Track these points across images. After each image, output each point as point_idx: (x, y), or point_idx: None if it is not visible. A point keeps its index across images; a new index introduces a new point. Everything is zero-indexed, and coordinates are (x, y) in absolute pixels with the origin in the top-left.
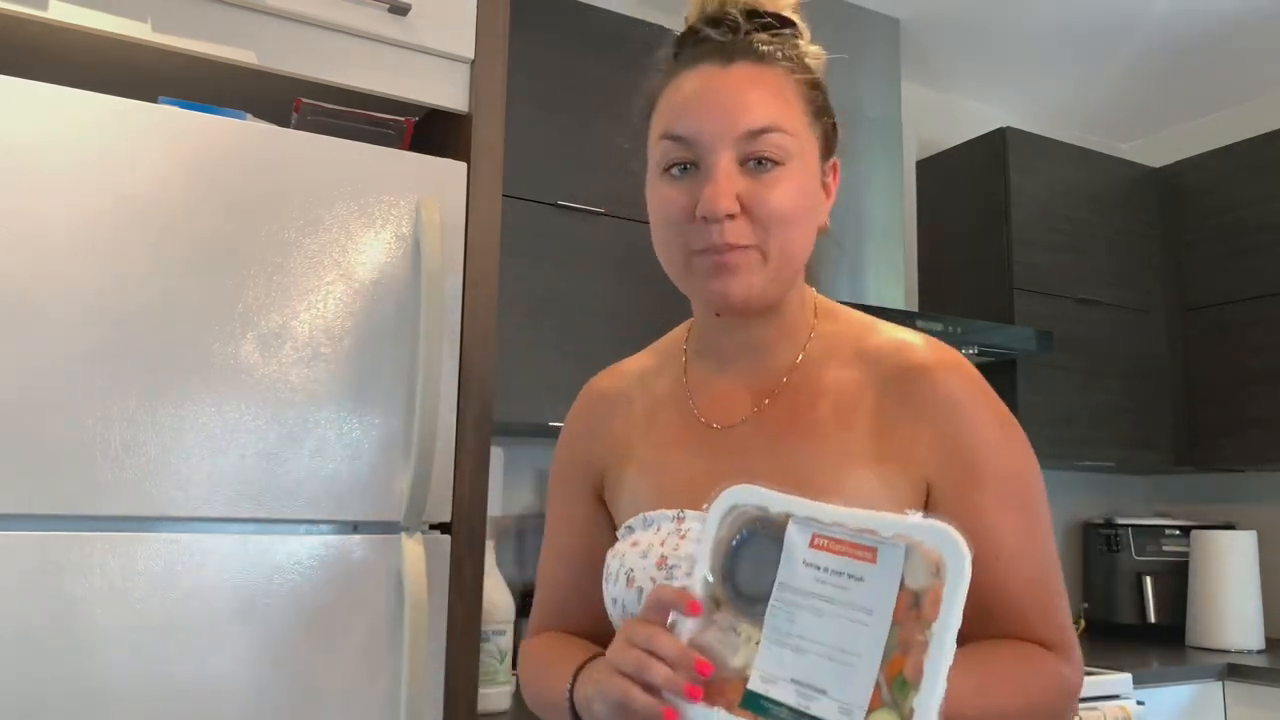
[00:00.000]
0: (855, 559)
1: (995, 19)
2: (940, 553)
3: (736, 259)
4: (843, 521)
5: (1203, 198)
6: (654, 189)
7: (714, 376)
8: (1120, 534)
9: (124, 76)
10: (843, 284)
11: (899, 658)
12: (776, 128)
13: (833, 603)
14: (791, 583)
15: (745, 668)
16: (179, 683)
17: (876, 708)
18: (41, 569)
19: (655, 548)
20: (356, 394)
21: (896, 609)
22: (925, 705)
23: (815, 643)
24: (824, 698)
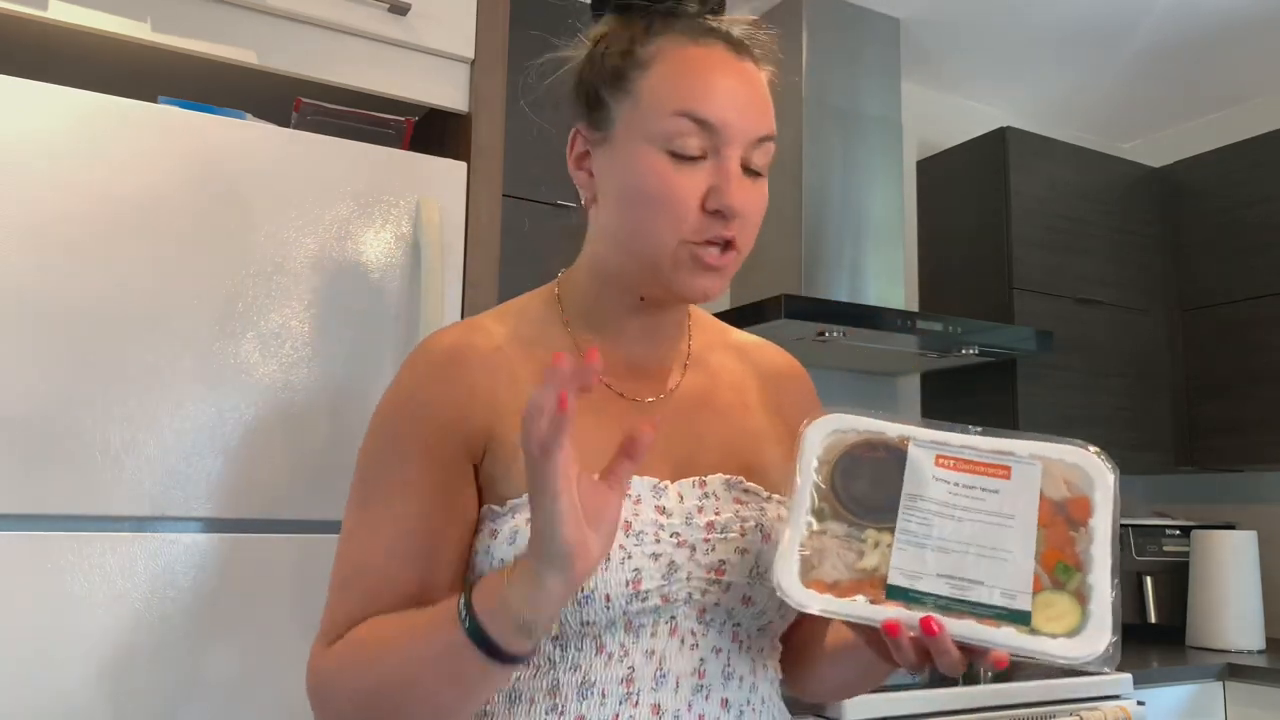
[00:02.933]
0: (988, 475)
1: (995, 19)
2: (1080, 468)
3: (723, 260)
4: (974, 445)
5: (1203, 198)
6: (647, 158)
7: (610, 349)
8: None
9: (124, 76)
10: (843, 284)
11: (1053, 550)
12: (773, 138)
13: (970, 510)
14: (923, 494)
15: (879, 567)
16: (179, 683)
17: (1040, 590)
18: (41, 569)
19: None
20: (356, 394)
21: (1041, 515)
22: (1099, 581)
23: (960, 543)
24: (980, 587)
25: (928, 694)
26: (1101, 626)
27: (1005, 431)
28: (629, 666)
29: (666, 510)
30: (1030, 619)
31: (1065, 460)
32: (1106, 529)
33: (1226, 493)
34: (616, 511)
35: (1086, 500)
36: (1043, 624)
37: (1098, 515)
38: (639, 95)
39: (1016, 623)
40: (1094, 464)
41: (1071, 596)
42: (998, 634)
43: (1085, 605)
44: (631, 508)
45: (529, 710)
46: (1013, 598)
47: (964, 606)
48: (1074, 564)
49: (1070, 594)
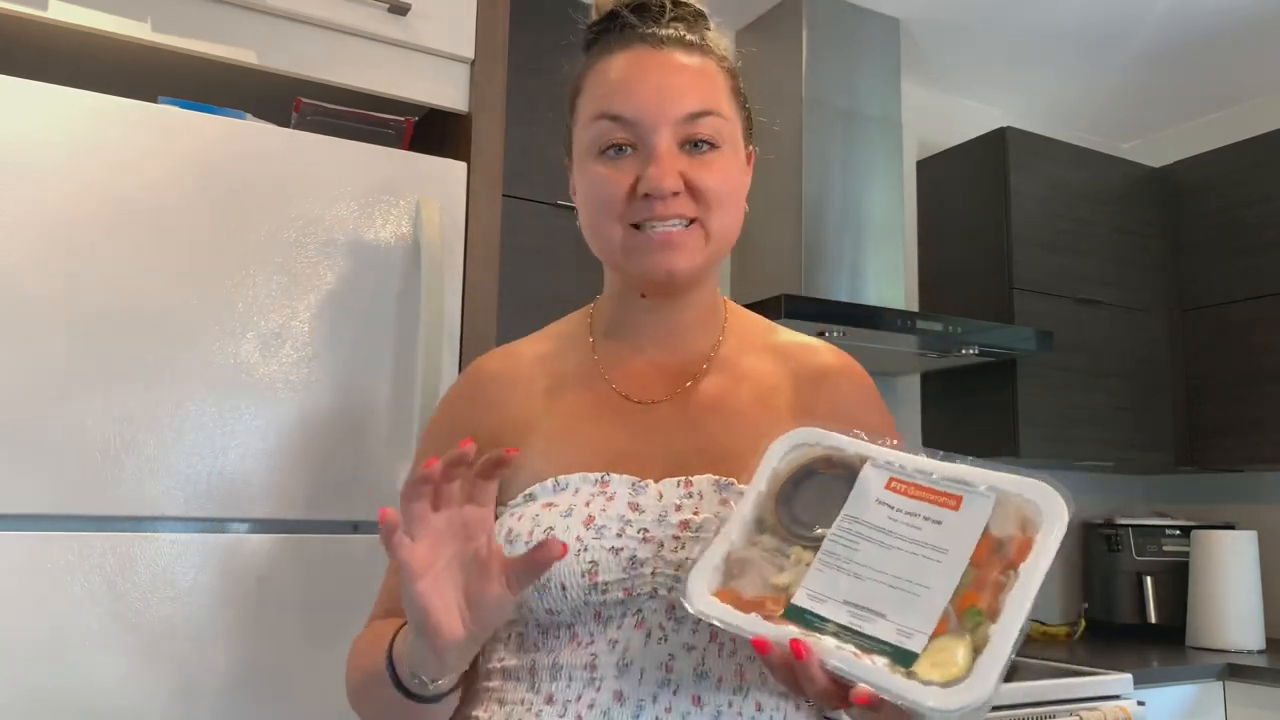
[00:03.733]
0: (936, 504)
1: (996, 19)
2: (1037, 505)
3: (680, 235)
4: (928, 470)
5: (1203, 198)
6: (588, 170)
7: (631, 355)
8: (1120, 534)
9: (124, 76)
10: (843, 284)
11: (971, 594)
12: (713, 111)
13: (903, 539)
14: (860, 516)
15: (790, 586)
16: (178, 683)
17: (942, 633)
18: (41, 569)
19: (579, 508)
20: (356, 394)
21: (977, 552)
22: (1005, 633)
23: (878, 571)
24: (881, 620)
25: None
26: (981, 681)
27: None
28: (592, 653)
29: (640, 507)
30: (914, 660)
31: (1024, 495)
32: (1034, 580)
33: (1226, 493)
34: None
35: (1029, 542)
36: (925, 669)
37: (1034, 558)
38: (578, 117)
39: (897, 662)
40: (1051, 503)
41: (964, 645)
42: (866, 669)
43: (977, 660)
44: (601, 504)
45: (515, 685)
46: (908, 636)
47: (854, 638)
48: (987, 610)
49: (964, 642)
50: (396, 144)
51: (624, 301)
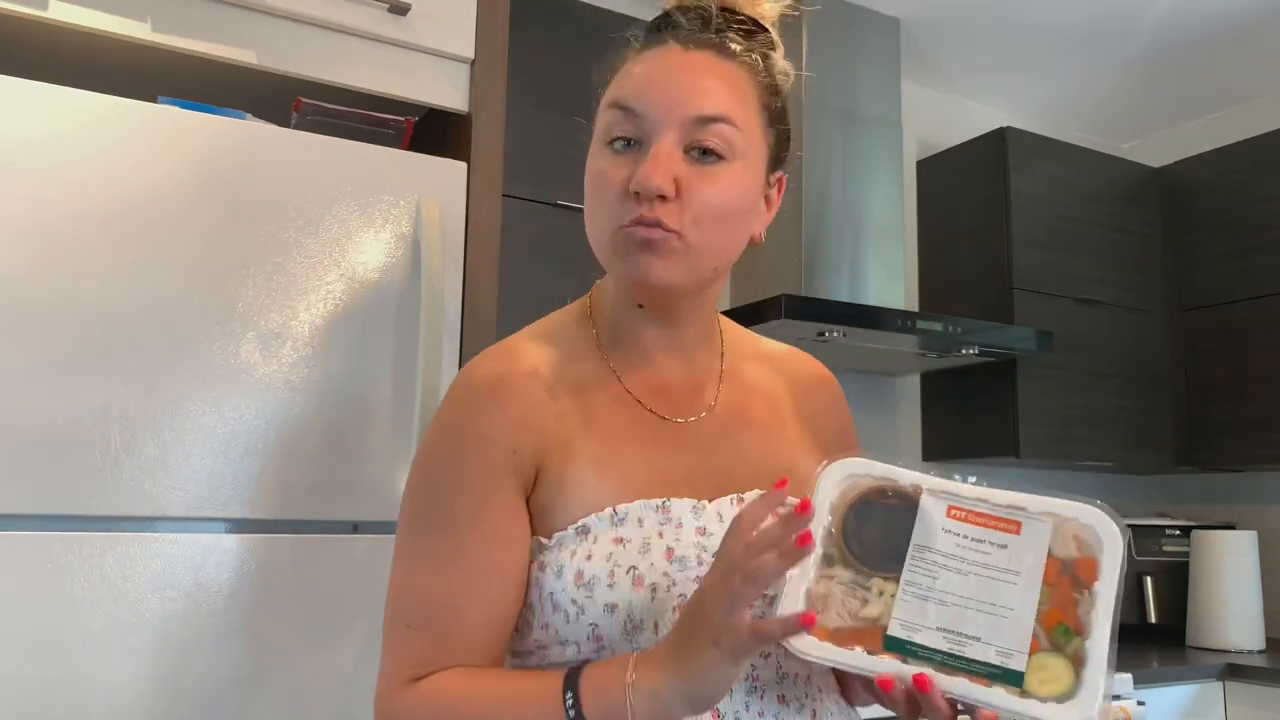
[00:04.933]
0: (998, 529)
1: (995, 19)
2: (1092, 528)
3: (659, 239)
4: (987, 498)
5: (1203, 198)
6: (593, 161)
7: (646, 369)
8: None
9: (124, 76)
10: (843, 284)
11: (1054, 611)
12: (727, 119)
13: (976, 565)
14: (931, 545)
15: (880, 618)
16: (178, 683)
17: (1036, 651)
18: (41, 569)
19: (654, 541)
20: (356, 394)
21: (1047, 573)
22: (1099, 647)
23: (962, 597)
24: (978, 643)
25: None
26: (1093, 694)
27: (1021, 487)
28: None
29: (707, 531)
30: (1023, 680)
31: (1078, 519)
32: (1111, 595)
33: (1226, 493)
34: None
35: (1094, 562)
36: (1035, 686)
37: (1103, 580)
38: (599, 109)
39: (1008, 683)
40: (1106, 526)
41: (1067, 660)
42: (989, 694)
43: (1080, 670)
44: (674, 533)
45: None
46: (1008, 656)
47: (959, 663)
48: (1074, 627)
49: (1067, 657)
50: (396, 144)
51: (624, 309)
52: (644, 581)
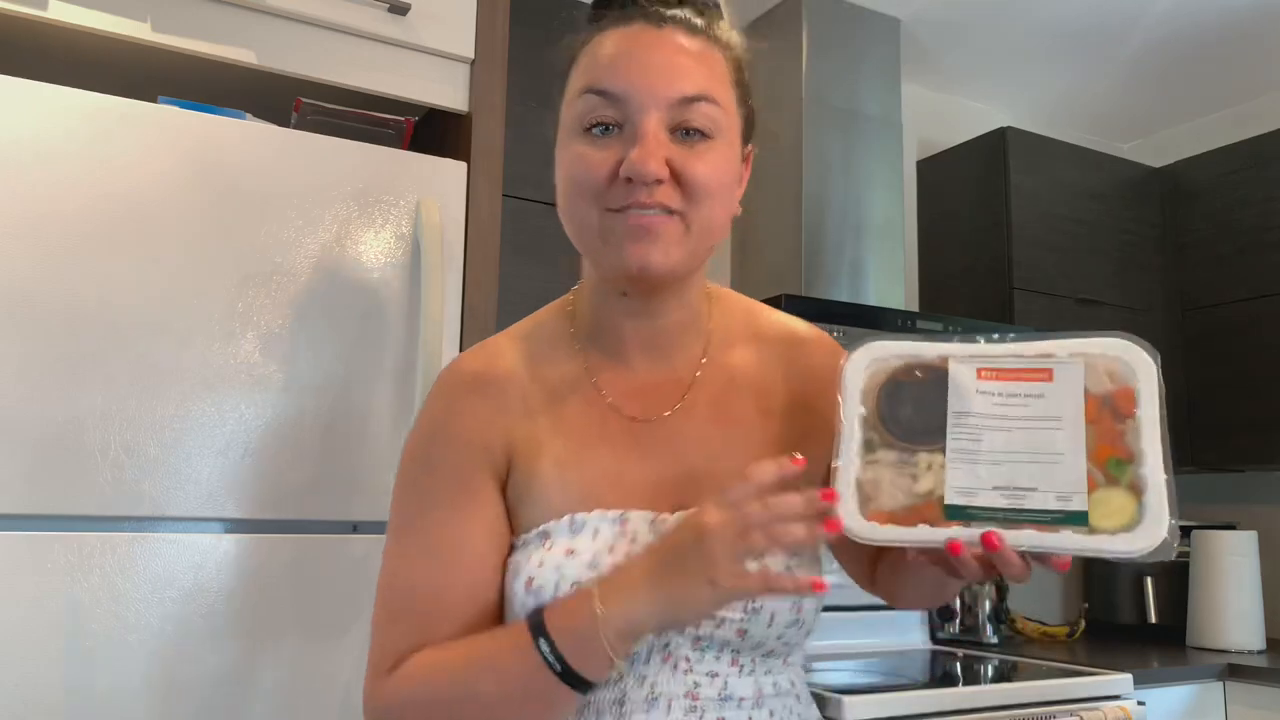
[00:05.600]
0: (1032, 380)
1: (995, 19)
2: (1122, 359)
3: (660, 224)
4: (1015, 352)
5: (1203, 198)
6: (570, 148)
7: (621, 367)
8: None
9: (124, 76)
10: (843, 284)
11: (1103, 446)
12: (710, 98)
13: (1018, 419)
14: (969, 409)
15: (935, 490)
16: (179, 683)
17: (1094, 489)
18: (41, 569)
19: (604, 556)
20: (356, 394)
21: (1087, 411)
22: (1156, 468)
23: (1011, 453)
24: (1035, 493)
25: (929, 694)
26: (1159, 517)
27: (1043, 333)
28: (621, 690)
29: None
30: (1087, 518)
31: (1106, 354)
32: (1154, 417)
33: (1226, 493)
34: None
35: (1131, 391)
36: (1100, 521)
37: (1143, 405)
38: (566, 92)
39: (1074, 524)
40: (1135, 353)
41: (1126, 490)
42: (1058, 538)
43: (1141, 497)
44: (625, 548)
45: None
46: (1068, 500)
47: (1022, 515)
48: (1125, 457)
49: (1125, 488)
50: (396, 144)
51: (605, 300)
52: None
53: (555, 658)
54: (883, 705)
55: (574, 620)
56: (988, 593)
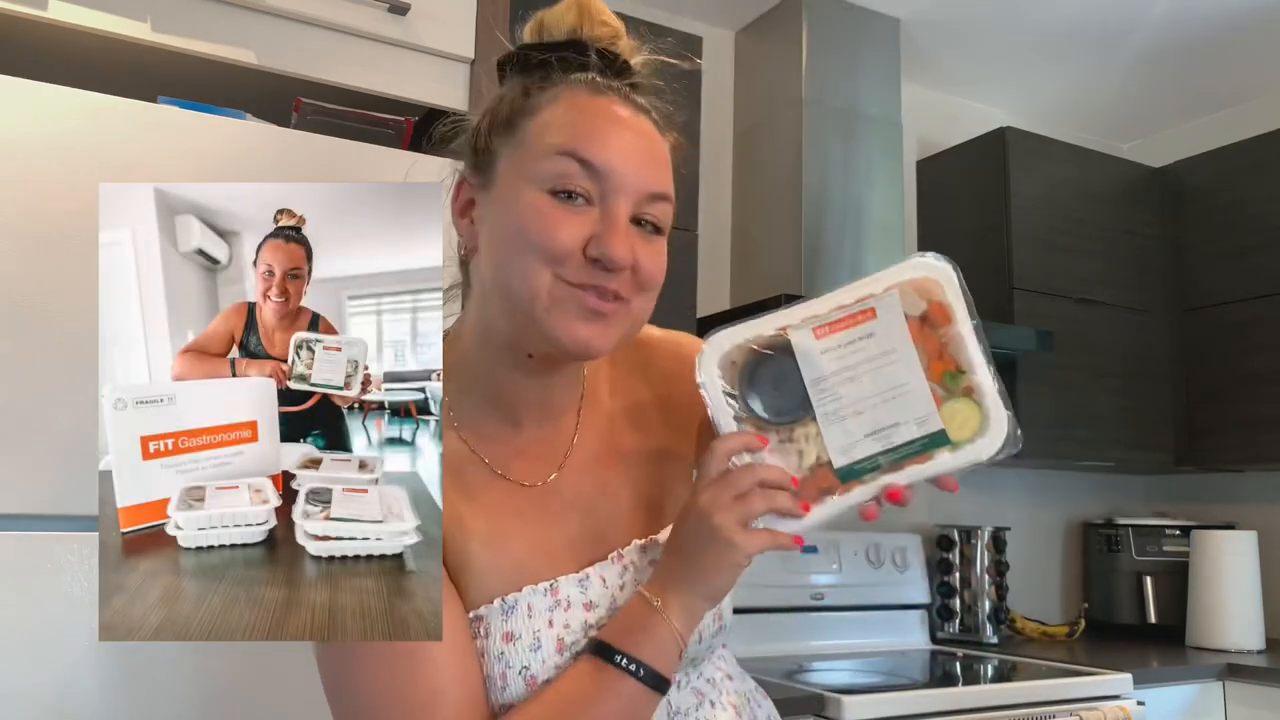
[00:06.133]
0: (859, 324)
1: (995, 19)
2: (926, 276)
3: (612, 311)
4: (841, 302)
5: (1203, 198)
6: (528, 200)
7: (506, 431)
8: (1120, 534)
9: (124, 76)
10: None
11: (935, 364)
12: (670, 198)
13: (860, 364)
14: (820, 373)
15: (819, 457)
16: (179, 683)
17: (940, 405)
18: (41, 569)
19: (545, 633)
20: None
21: (912, 334)
22: (981, 376)
23: (866, 399)
24: (899, 428)
25: (928, 694)
26: (999, 416)
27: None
28: None
29: (594, 604)
30: (947, 436)
31: (912, 276)
32: (969, 325)
33: (1226, 493)
34: None
35: (941, 304)
36: (957, 434)
37: (956, 317)
38: (525, 136)
39: (939, 445)
40: (936, 268)
41: (965, 399)
42: (935, 464)
43: (981, 402)
44: (563, 618)
45: None
46: (925, 422)
47: (896, 453)
48: (955, 368)
49: (963, 397)
50: (396, 144)
51: (500, 357)
52: (536, 682)
53: (635, 665)
54: (882, 705)
55: (637, 622)
56: (988, 593)
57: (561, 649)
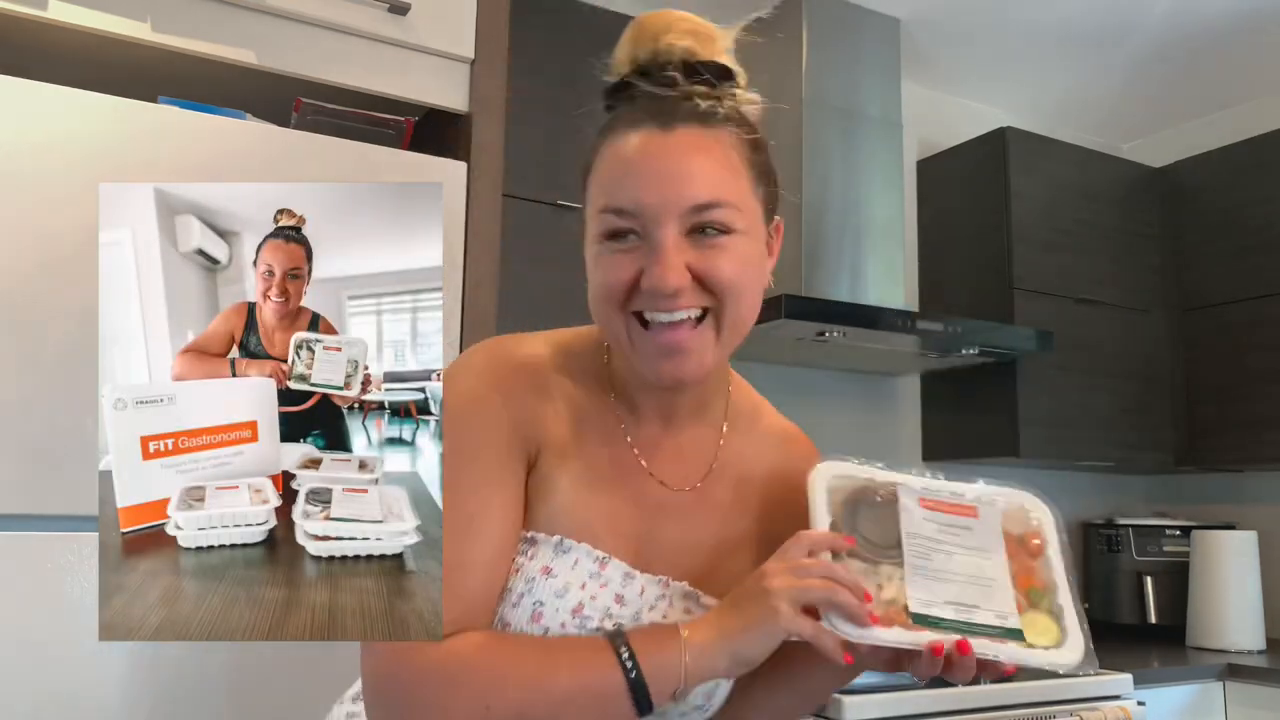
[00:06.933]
0: (961, 514)
1: (995, 19)
2: (1027, 508)
3: (688, 339)
4: (949, 489)
5: (1203, 198)
6: (594, 257)
7: (651, 426)
8: (1120, 534)
9: (124, 76)
10: (843, 284)
11: (1023, 576)
12: (722, 203)
13: (957, 545)
14: (919, 532)
15: (898, 598)
16: (179, 683)
17: (1022, 611)
18: (41, 569)
19: (573, 590)
20: None
21: (1006, 547)
22: (1066, 600)
23: (954, 574)
24: (979, 610)
25: (928, 694)
26: (1078, 636)
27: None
28: None
29: (624, 600)
30: (1023, 635)
31: (1018, 503)
32: (1059, 557)
33: (1226, 493)
34: None
35: (1038, 533)
36: (1034, 639)
37: (1049, 546)
38: (587, 197)
39: (1015, 639)
40: (1038, 505)
41: (1047, 614)
42: (1007, 649)
43: (1060, 621)
44: (595, 590)
45: None
46: (1005, 618)
47: (972, 628)
48: (1041, 588)
49: (1045, 612)
50: (396, 144)
51: (630, 370)
52: (541, 619)
53: (632, 665)
54: (883, 705)
55: (657, 635)
56: None
57: (578, 613)
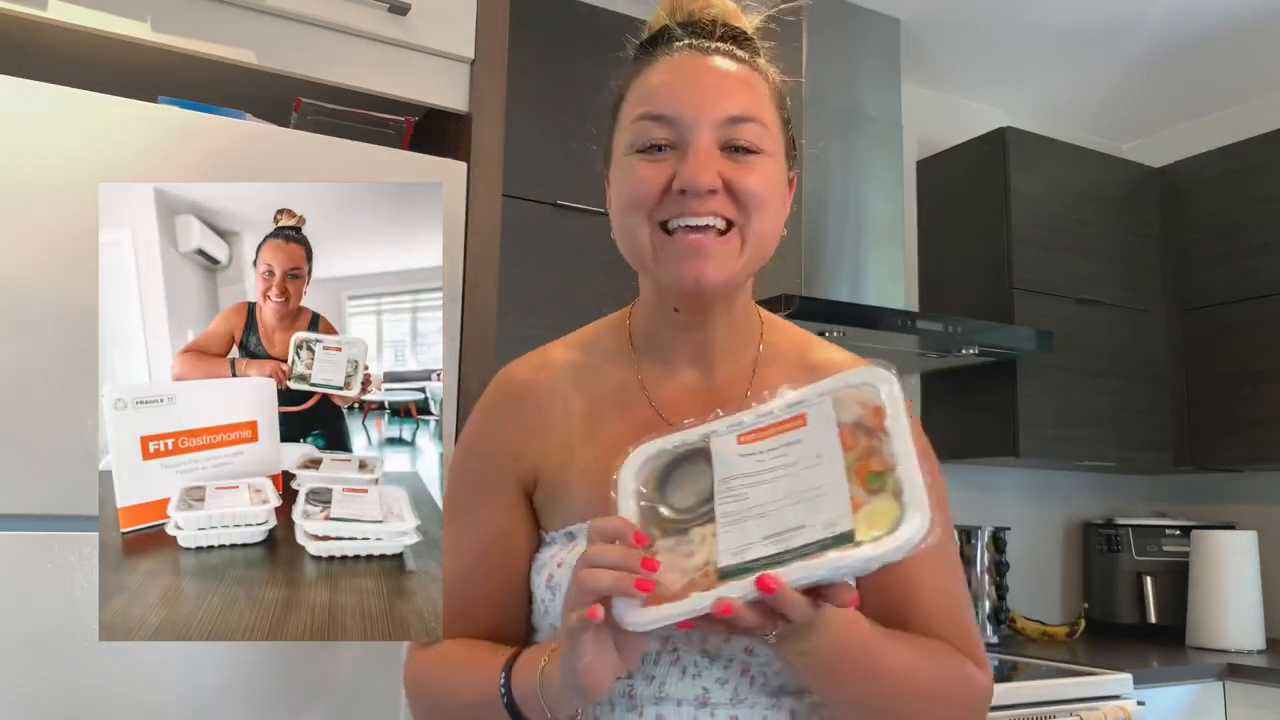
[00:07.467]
0: (786, 431)
1: (996, 19)
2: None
3: (712, 245)
4: (769, 410)
5: (1203, 198)
6: (625, 168)
7: (667, 377)
8: (1120, 534)
9: (124, 76)
10: (843, 284)
11: (861, 466)
12: (756, 118)
13: (780, 468)
14: (735, 473)
15: (708, 559)
16: (180, 683)
17: (860, 507)
18: (41, 569)
19: None
20: None
21: (843, 440)
22: (907, 472)
23: (775, 502)
24: (803, 530)
25: None
26: (918, 509)
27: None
28: (629, 683)
29: None
30: (853, 536)
31: (851, 384)
32: (902, 424)
33: (1226, 493)
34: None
35: (879, 408)
36: (866, 532)
37: (890, 416)
38: (620, 120)
39: (839, 545)
40: (874, 374)
41: (889, 497)
42: (822, 561)
43: (901, 498)
44: None
45: None
46: (833, 525)
47: (791, 555)
48: (882, 468)
49: (888, 495)
50: (396, 144)
51: (658, 314)
52: None
53: (505, 688)
54: None
55: (529, 664)
56: (988, 593)
57: None
